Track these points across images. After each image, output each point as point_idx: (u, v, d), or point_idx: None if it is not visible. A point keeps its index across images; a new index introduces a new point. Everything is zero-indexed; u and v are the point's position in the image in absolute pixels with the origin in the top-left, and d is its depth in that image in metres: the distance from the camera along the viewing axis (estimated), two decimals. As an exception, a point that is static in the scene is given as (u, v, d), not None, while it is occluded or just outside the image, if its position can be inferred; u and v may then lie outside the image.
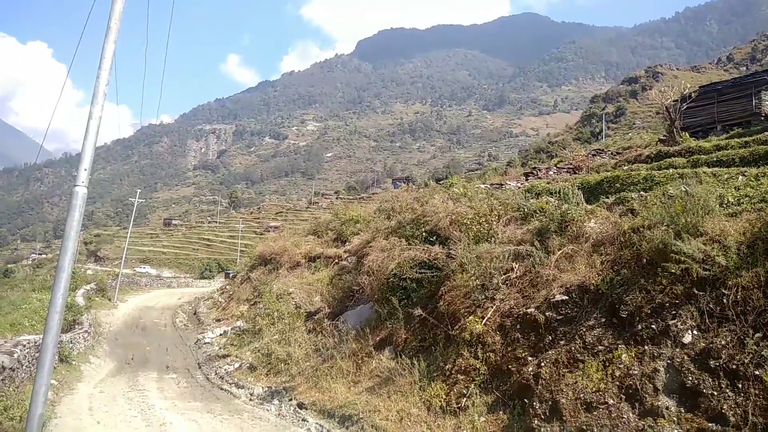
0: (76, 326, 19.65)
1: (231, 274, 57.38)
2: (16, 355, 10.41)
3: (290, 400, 11.54)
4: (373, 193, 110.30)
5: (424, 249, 12.71)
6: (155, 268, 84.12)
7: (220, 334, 21.38)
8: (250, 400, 12.35)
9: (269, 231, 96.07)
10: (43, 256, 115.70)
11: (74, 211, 6.42)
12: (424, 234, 13.79)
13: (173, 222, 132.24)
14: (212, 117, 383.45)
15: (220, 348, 18.78)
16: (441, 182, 40.16)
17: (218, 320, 26.91)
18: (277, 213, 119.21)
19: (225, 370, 15.33)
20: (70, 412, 10.64)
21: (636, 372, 6.48)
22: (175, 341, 22.90)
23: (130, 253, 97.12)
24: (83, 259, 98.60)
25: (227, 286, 34.55)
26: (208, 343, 20.55)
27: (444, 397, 8.88)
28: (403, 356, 10.37)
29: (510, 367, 8.20)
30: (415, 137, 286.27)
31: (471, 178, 40.91)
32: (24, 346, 11.85)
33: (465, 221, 12.50)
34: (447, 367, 9.41)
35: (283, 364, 13.65)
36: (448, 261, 11.56)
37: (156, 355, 19.45)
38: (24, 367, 11.59)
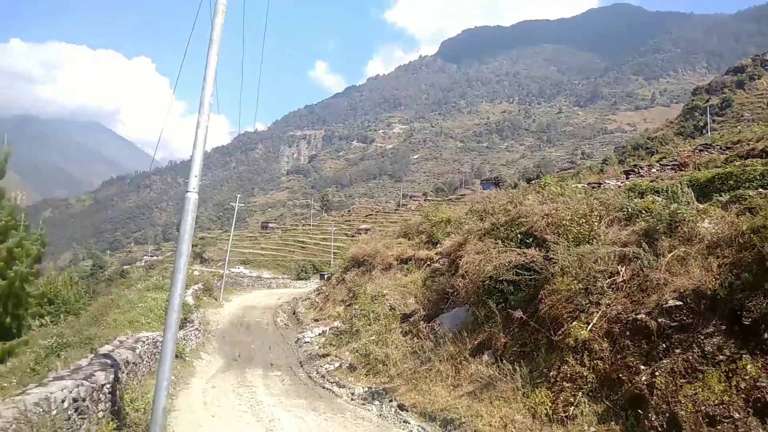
0: (188, 324, 21.03)
1: (326, 276, 59.05)
2: (137, 351, 11.29)
3: (390, 401, 11.76)
4: (461, 195, 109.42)
5: (520, 251, 12.50)
6: (255, 269, 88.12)
7: (319, 334, 22.09)
8: (352, 399, 12.71)
9: (360, 233, 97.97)
10: (154, 258, 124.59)
11: (187, 216, 6.88)
12: (519, 236, 13.54)
13: (270, 225, 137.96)
14: (303, 123, 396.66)
15: (319, 347, 19.42)
16: (532, 182, 39.18)
17: (316, 320, 27.80)
18: (366, 215, 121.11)
19: (326, 369, 15.87)
20: (187, 405, 11.44)
21: (764, 384, 6.05)
22: (276, 340, 23.90)
23: (231, 255, 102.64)
24: (190, 260, 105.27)
25: (323, 288, 35.57)
26: (308, 342, 21.29)
27: (550, 404, 8.71)
28: (503, 361, 10.26)
29: (620, 375, 7.90)
30: (502, 137, 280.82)
31: (564, 177, 39.55)
32: (143, 342, 12.81)
33: (563, 222, 12.18)
34: (551, 373, 9.22)
35: (381, 365, 13.93)
36: (546, 264, 11.31)
37: (260, 352, 20.41)
38: (144, 362, 12.52)
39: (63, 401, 6.18)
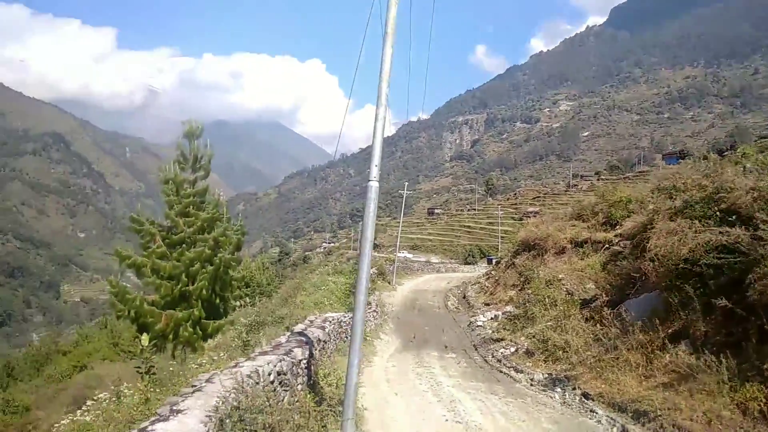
0: (366, 306, 22.18)
1: (494, 260, 58.47)
2: (326, 330, 12.09)
3: (573, 389, 11.24)
4: (639, 172, 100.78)
5: (721, 231, 11.07)
6: (423, 254, 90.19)
7: (491, 318, 21.90)
8: (531, 385, 12.40)
9: (528, 217, 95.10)
10: (332, 244, 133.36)
11: (370, 203, 7.13)
12: (719, 214, 12.00)
13: (436, 211, 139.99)
14: (464, 108, 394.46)
15: (492, 331, 19.25)
16: (725, 154, 34.56)
17: (487, 304, 27.62)
18: (534, 198, 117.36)
19: (501, 353, 15.68)
20: (371, 382, 12.04)
21: None
22: (449, 323, 24.21)
23: (400, 240, 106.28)
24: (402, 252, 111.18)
25: (492, 272, 35.21)
26: (480, 326, 21.24)
27: (764, 400, 7.67)
28: (705, 351, 9.23)
29: None
30: (686, 105, 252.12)
31: (766, 146, 34.37)
32: (330, 322, 13.68)
33: (778, 197, 10.54)
34: (765, 366, 8.11)
35: (561, 352, 13.38)
36: (754, 244, 9.88)
37: (434, 335, 20.82)
38: (332, 340, 13.39)
39: (269, 374, 6.84)
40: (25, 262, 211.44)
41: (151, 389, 6.91)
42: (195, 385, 5.81)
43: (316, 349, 9.74)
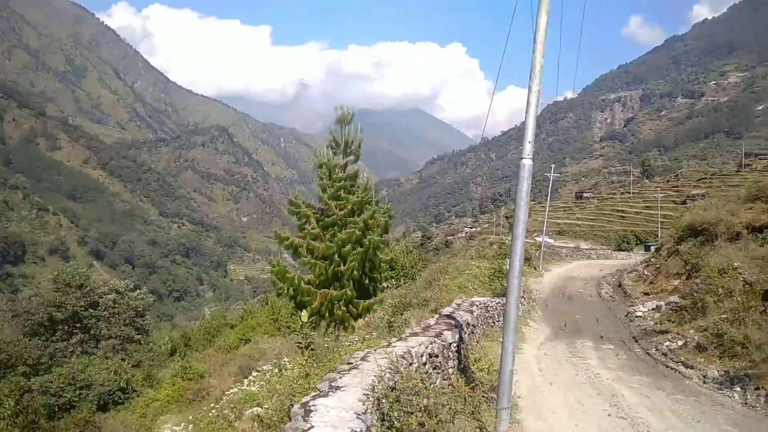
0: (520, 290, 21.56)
1: (652, 247, 54.03)
2: (474, 314, 11.84)
3: (757, 389, 9.91)
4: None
5: None
6: (570, 240, 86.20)
7: (653, 309, 20.18)
8: (704, 382, 11.14)
9: (692, 200, 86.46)
10: (474, 229, 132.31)
11: (523, 183, 6.74)
12: None
13: (584, 194, 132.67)
14: (616, 85, 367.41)
15: (655, 323, 17.69)
16: None
17: (646, 294, 25.55)
18: (698, 180, 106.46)
19: (667, 346, 14.31)
20: (523, 371, 11.59)
21: None
22: (603, 312, 22.77)
23: (547, 225, 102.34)
24: (505, 231, 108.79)
25: (652, 259, 32.44)
26: (640, 317, 19.66)
27: None
28: None
29: None
30: None
31: None
32: (477, 306, 13.40)
33: None
34: None
35: (740, 347, 11.87)
36: None
37: (586, 324, 19.69)
38: (479, 325, 13.11)
39: (422, 356, 6.78)
40: (197, 244, 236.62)
41: (310, 363, 7.19)
42: (351, 363, 5.92)
43: (465, 333, 9.55)
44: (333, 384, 5.12)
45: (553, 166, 47.57)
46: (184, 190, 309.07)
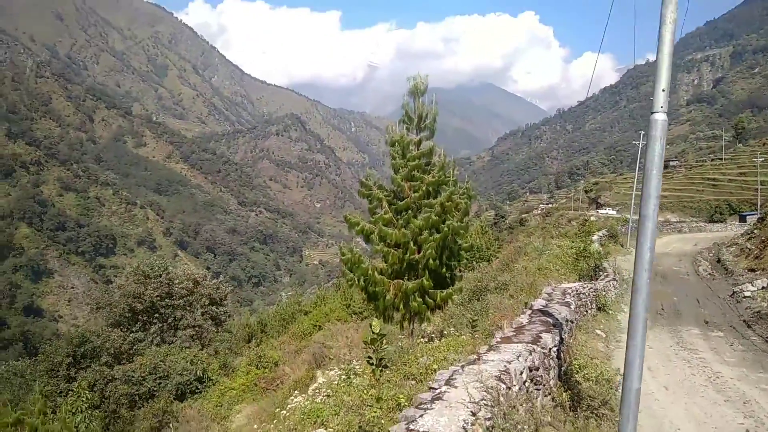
0: (600, 273, 19.93)
1: (752, 217, 49.77)
2: (572, 306, 10.45)
3: None
4: None
5: None
6: (659, 214, 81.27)
7: (764, 288, 18.01)
8: None
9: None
10: (550, 205, 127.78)
11: (654, 145, 5.23)
12: None
13: (671, 163, 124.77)
14: (703, 43, 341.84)
15: (769, 304, 15.70)
16: None
17: (752, 270, 23.11)
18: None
19: (792, 335, 12.50)
20: (627, 368, 10.22)
21: None
22: (703, 292, 20.74)
23: (629, 198, 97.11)
24: (584, 206, 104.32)
25: (755, 231, 29.49)
26: (749, 297, 17.59)
27: None
28: None
29: None
30: None
31: None
32: (569, 294, 12.06)
33: None
34: None
35: None
36: None
37: (686, 306, 17.88)
38: (575, 317, 11.59)
39: (521, 373, 5.67)
40: (274, 230, 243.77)
41: (379, 373, 6.29)
42: (434, 388, 4.85)
43: (565, 333, 8.27)
44: (412, 428, 4.04)
45: (642, 133, 44.23)
46: (261, 179, 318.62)
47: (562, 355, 7.49)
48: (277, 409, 10.54)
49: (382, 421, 5.06)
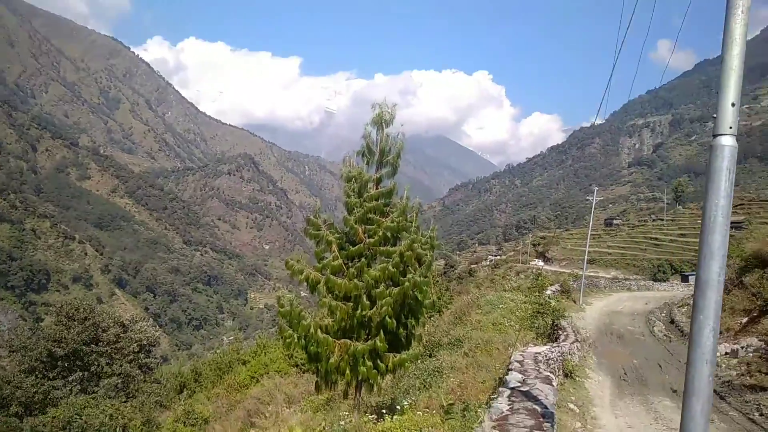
0: (559, 331, 18.91)
1: (691, 277, 50.68)
2: (554, 383, 8.69)
3: None
4: None
5: None
6: (602, 269, 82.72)
7: (726, 354, 17.33)
8: None
9: (734, 227, 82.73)
10: (498, 257, 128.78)
11: (718, 178, 3.84)
12: None
13: (614, 222, 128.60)
14: (645, 110, 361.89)
15: (738, 373, 14.89)
16: None
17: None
18: (737, 206, 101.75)
19: (773, 410, 11.56)
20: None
21: None
22: (662, 355, 19.99)
23: (575, 253, 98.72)
24: (531, 256, 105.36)
25: (706, 293, 29.41)
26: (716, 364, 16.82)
27: None
28: None
29: None
30: None
31: None
32: (540, 361, 10.72)
33: None
34: None
35: None
36: None
37: (649, 372, 16.97)
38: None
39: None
40: (219, 271, 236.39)
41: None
42: None
43: (554, 424, 6.64)
44: None
45: (596, 189, 44.72)
46: (209, 218, 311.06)
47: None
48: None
49: None
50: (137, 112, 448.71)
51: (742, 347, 17.43)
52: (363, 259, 9.28)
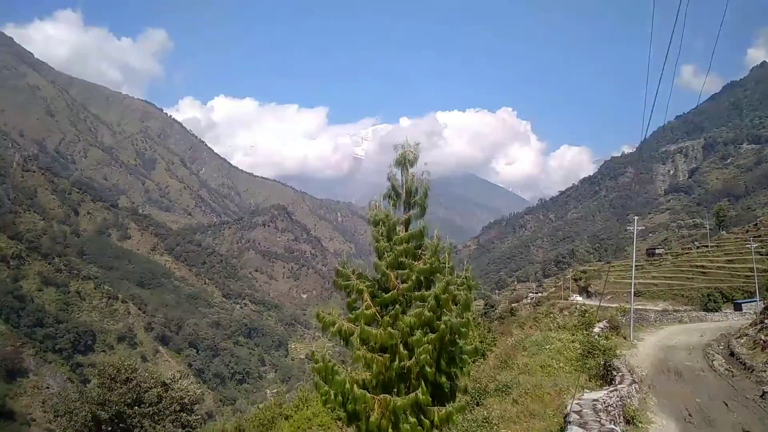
0: (613, 372, 17.76)
1: (747, 304, 48.25)
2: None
3: None
4: None
5: None
6: (649, 301, 79.64)
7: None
8: None
9: (783, 249, 79.45)
10: (539, 294, 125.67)
11: None
12: None
13: (656, 251, 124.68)
14: (676, 136, 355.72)
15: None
16: None
17: (774, 365, 21.06)
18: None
19: None
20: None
21: None
22: (726, 392, 18.56)
23: (620, 286, 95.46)
24: (574, 291, 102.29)
25: (766, 321, 27.67)
26: (786, 399, 15.47)
27: None
28: None
29: None
30: None
31: None
32: (599, 410, 9.76)
33: None
34: None
35: None
36: None
37: (715, 411, 15.68)
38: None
39: None
40: (259, 323, 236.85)
41: None
42: None
43: None
44: None
45: (636, 218, 43.30)
46: (246, 271, 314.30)
47: None
48: None
49: None
50: (173, 171, 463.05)
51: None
52: (397, 306, 8.74)
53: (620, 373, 17.20)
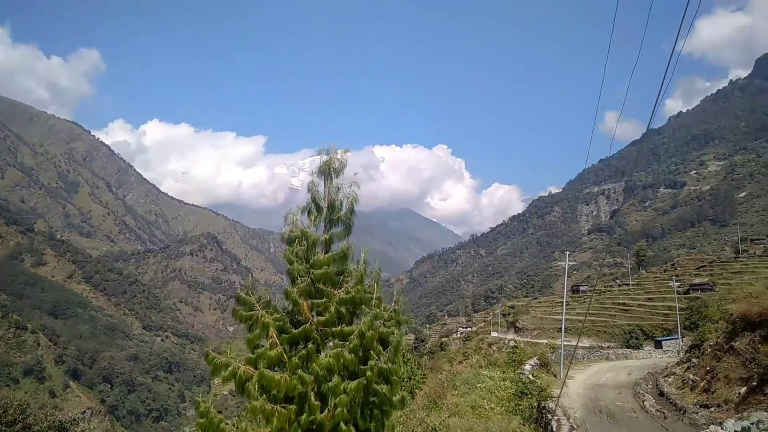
0: (547, 415, 16.76)
1: (671, 341, 49.44)
2: None
3: None
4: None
5: None
6: (572, 337, 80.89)
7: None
8: None
9: (696, 289, 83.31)
10: (468, 329, 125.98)
11: None
12: None
13: (580, 288, 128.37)
14: (599, 178, 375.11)
15: (759, 458, 12.93)
16: None
17: (704, 406, 20.72)
18: (698, 268, 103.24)
19: None
20: None
21: None
22: (661, 435, 17.94)
23: (546, 322, 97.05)
24: (504, 330, 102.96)
25: (693, 359, 27.78)
26: (721, 443, 14.82)
27: None
28: None
29: None
30: None
31: None
32: None
33: None
34: None
35: None
36: None
37: (653, 457, 14.87)
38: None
39: None
40: (181, 357, 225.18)
41: None
42: None
43: None
44: None
45: (567, 253, 43.69)
46: (170, 301, 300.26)
47: None
48: None
49: None
50: (96, 195, 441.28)
51: (753, 424, 15.55)
52: (310, 344, 7.15)
53: (556, 417, 16.20)
